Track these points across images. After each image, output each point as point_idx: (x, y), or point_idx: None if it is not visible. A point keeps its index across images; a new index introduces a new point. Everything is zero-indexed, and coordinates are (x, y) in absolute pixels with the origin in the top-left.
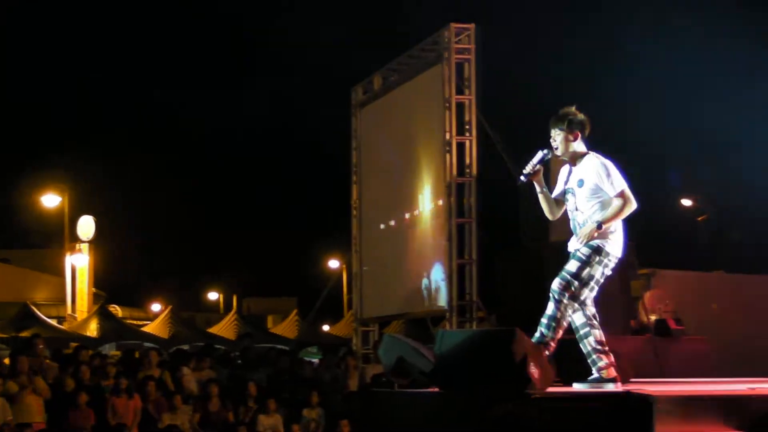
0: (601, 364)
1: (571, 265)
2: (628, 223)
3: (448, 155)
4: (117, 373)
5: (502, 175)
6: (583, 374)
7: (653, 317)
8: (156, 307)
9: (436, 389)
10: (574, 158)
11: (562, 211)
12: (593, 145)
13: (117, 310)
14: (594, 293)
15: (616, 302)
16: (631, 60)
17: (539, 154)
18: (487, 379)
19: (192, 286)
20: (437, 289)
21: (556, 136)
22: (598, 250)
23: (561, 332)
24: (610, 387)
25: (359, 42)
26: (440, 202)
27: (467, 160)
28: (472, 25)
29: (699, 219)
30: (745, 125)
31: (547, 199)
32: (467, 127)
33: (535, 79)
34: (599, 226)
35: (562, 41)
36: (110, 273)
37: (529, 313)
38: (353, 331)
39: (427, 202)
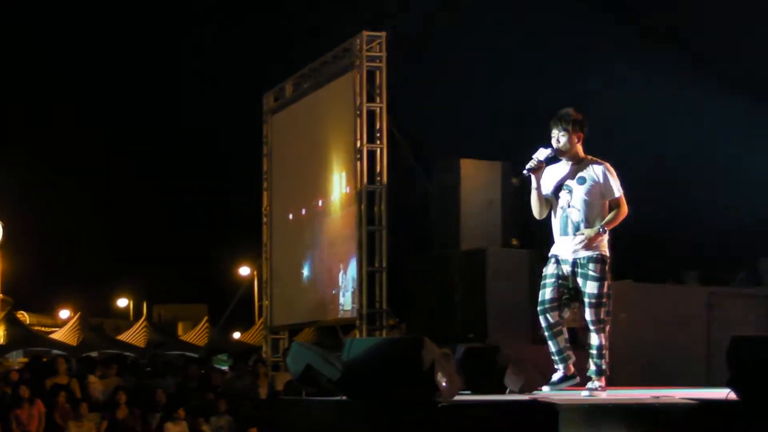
0: (569, 361)
1: (592, 287)
2: (533, 232)
3: (358, 163)
4: (20, 381)
5: (411, 183)
6: (492, 385)
7: None
8: (65, 313)
9: (344, 397)
10: (576, 159)
11: (548, 211)
12: None
13: (25, 316)
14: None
15: (524, 311)
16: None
17: (544, 151)
18: (395, 388)
19: (101, 293)
20: (347, 297)
21: (561, 137)
22: (604, 261)
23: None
24: (576, 381)
25: (269, 48)
26: (350, 210)
27: (378, 168)
28: (383, 33)
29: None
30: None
31: (540, 197)
32: (378, 134)
33: (445, 87)
34: (604, 230)
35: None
36: (18, 279)
37: (439, 321)
38: (263, 339)
39: (337, 210)
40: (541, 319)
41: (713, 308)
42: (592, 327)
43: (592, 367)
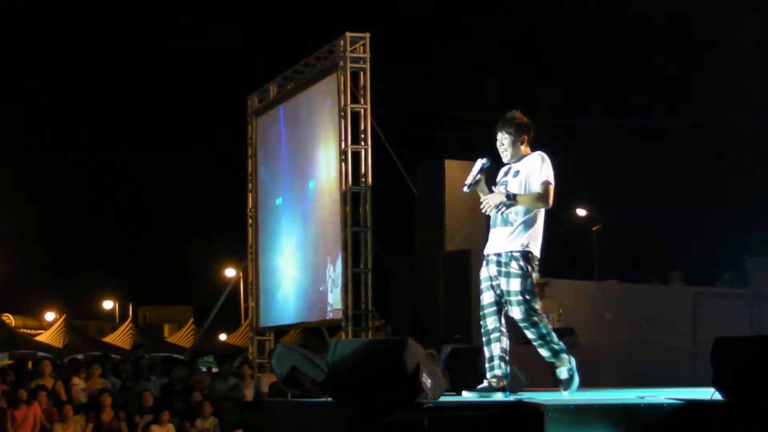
0: (498, 372)
1: (512, 285)
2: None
3: (343, 164)
4: (13, 383)
5: (395, 184)
6: (477, 385)
7: None
8: (50, 315)
9: (329, 399)
10: (519, 159)
11: None
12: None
13: (10, 318)
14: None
15: None
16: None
17: (479, 164)
18: (380, 389)
19: (87, 295)
20: (332, 299)
21: (504, 140)
22: (527, 257)
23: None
24: (499, 396)
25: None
26: (335, 211)
27: (362, 169)
28: (367, 34)
29: (593, 228)
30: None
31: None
32: (362, 135)
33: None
34: (509, 196)
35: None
36: (2, 281)
37: (424, 322)
38: (249, 341)
39: (322, 211)
40: (481, 323)
41: (699, 308)
42: (522, 324)
43: (547, 353)
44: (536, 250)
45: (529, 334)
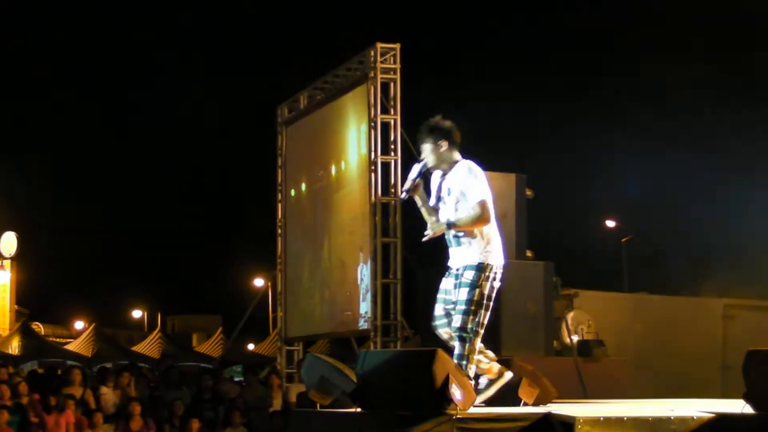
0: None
1: (461, 294)
2: (548, 243)
3: (372, 174)
4: (42, 390)
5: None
6: (506, 397)
7: (576, 338)
8: (79, 324)
9: (358, 409)
10: (446, 166)
11: None
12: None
13: (39, 327)
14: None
15: (538, 323)
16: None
17: (416, 168)
18: (409, 400)
19: (116, 304)
20: (362, 309)
21: (426, 149)
22: (481, 268)
23: (486, 358)
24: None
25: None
26: (365, 222)
27: (392, 180)
28: (397, 45)
29: (623, 240)
30: None
31: (429, 212)
32: (392, 146)
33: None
34: (449, 225)
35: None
36: (33, 290)
37: None
38: (278, 351)
39: (351, 222)
40: (437, 334)
41: (729, 320)
42: (455, 334)
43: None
44: (494, 261)
45: (456, 349)
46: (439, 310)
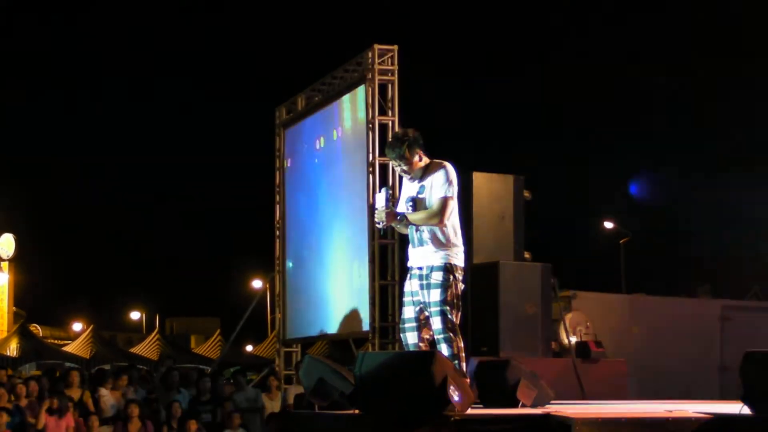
0: None
1: (433, 295)
2: (546, 245)
3: (371, 176)
4: (42, 392)
5: None
6: (505, 399)
7: (574, 339)
8: (77, 326)
9: (356, 411)
10: (420, 173)
11: None
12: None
13: (38, 329)
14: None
15: (536, 324)
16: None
17: (381, 196)
18: (407, 402)
19: (114, 306)
20: (360, 311)
21: (403, 165)
22: (448, 269)
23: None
24: None
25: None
26: (363, 223)
27: (390, 181)
28: (395, 47)
29: (621, 241)
30: None
31: (405, 229)
32: None
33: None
34: (401, 217)
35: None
36: (31, 292)
37: None
38: (276, 352)
39: (350, 224)
40: (401, 338)
41: (726, 321)
42: (438, 336)
43: None
44: (459, 261)
45: (444, 350)
46: (409, 312)
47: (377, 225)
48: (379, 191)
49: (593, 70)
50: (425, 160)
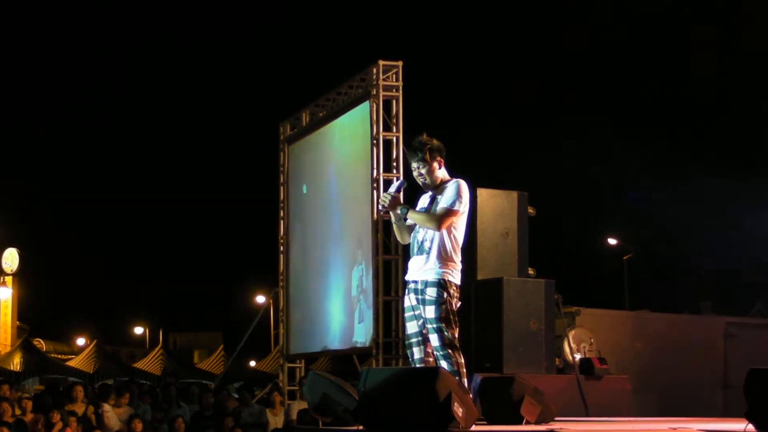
0: None
1: (429, 312)
2: (550, 261)
3: (375, 192)
4: (43, 407)
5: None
6: (509, 415)
7: (578, 356)
8: (81, 341)
9: (360, 427)
10: (439, 185)
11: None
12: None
13: (41, 343)
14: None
15: (540, 341)
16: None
17: (396, 183)
18: (411, 417)
19: (117, 321)
20: (364, 327)
21: (421, 168)
22: (442, 285)
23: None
24: None
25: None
26: (367, 238)
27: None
28: (399, 62)
29: (625, 258)
30: None
31: (401, 227)
32: (394, 164)
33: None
34: (404, 211)
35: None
36: (35, 306)
37: None
38: (279, 368)
39: (353, 239)
40: (408, 353)
41: (730, 338)
42: (437, 353)
43: None
44: (454, 278)
45: (443, 366)
46: (412, 327)
47: (379, 207)
48: (397, 179)
49: (596, 81)
50: (444, 173)
